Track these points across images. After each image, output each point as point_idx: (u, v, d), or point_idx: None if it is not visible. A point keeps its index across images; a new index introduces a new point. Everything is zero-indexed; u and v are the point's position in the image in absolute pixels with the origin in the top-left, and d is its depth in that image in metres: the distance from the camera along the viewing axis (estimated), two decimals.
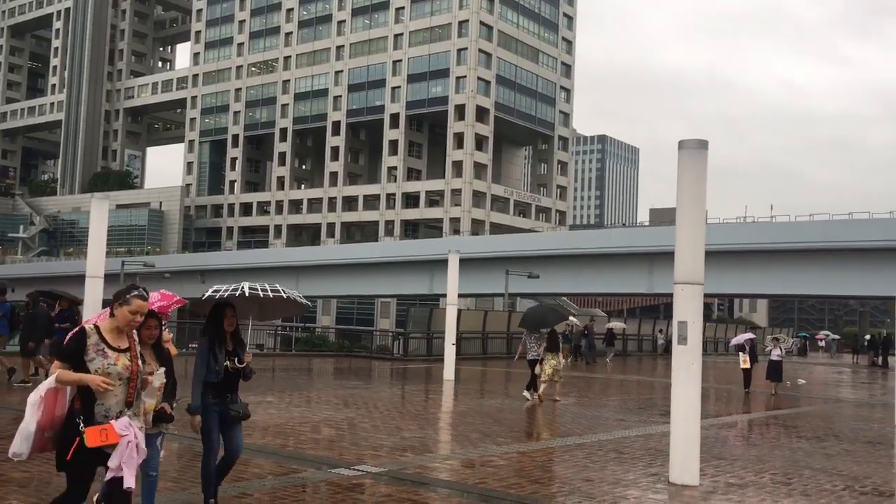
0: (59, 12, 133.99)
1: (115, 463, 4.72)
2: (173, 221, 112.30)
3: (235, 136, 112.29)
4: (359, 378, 22.47)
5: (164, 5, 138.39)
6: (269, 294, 6.83)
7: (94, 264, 14.75)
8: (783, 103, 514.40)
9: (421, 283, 60.39)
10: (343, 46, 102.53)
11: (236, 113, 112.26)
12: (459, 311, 27.30)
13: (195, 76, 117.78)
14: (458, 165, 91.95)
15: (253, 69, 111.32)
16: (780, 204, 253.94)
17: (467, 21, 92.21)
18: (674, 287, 9.17)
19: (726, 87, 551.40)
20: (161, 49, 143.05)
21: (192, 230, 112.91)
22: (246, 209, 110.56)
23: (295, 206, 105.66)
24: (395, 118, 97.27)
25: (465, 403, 16.98)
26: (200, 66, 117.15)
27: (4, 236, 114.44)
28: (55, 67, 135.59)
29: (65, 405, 4.92)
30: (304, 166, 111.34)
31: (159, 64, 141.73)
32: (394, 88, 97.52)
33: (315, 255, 73.10)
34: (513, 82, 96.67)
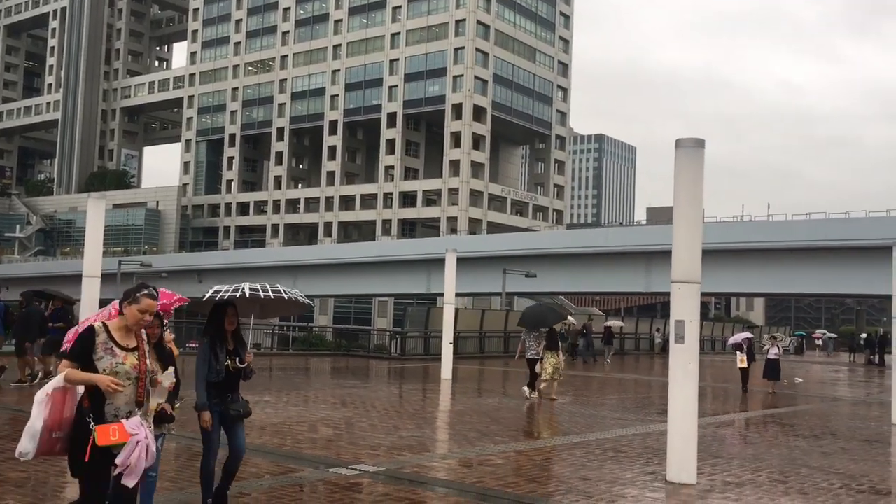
0: (55, 11, 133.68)
1: (122, 460, 4.66)
2: (170, 221, 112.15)
3: (232, 136, 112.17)
4: (356, 377, 22.46)
5: (161, 4, 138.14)
6: (269, 295, 6.82)
7: (91, 264, 14.74)
8: (781, 102, 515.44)
9: (418, 283, 60.37)
10: (340, 46, 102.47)
11: (233, 112, 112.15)
12: (457, 310, 27.30)
13: (192, 75, 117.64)
14: (455, 165, 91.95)
15: (250, 68, 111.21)
16: (777, 203, 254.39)
17: (464, 20, 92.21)
18: (671, 286, 9.19)
19: (724, 86, 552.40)
20: (158, 48, 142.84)
21: (189, 230, 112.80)
22: (243, 209, 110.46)
23: (292, 205, 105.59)
24: (392, 117, 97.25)
25: (462, 402, 16.98)
26: (197, 66, 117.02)
27: (1, 236, 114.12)
28: (51, 67, 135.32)
29: (73, 407, 4.83)
30: (301, 166, 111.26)
31: (156, 63, 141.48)
32: (391, 88, 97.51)
33: (312, 254, 73.02)
34: (510, 81, 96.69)
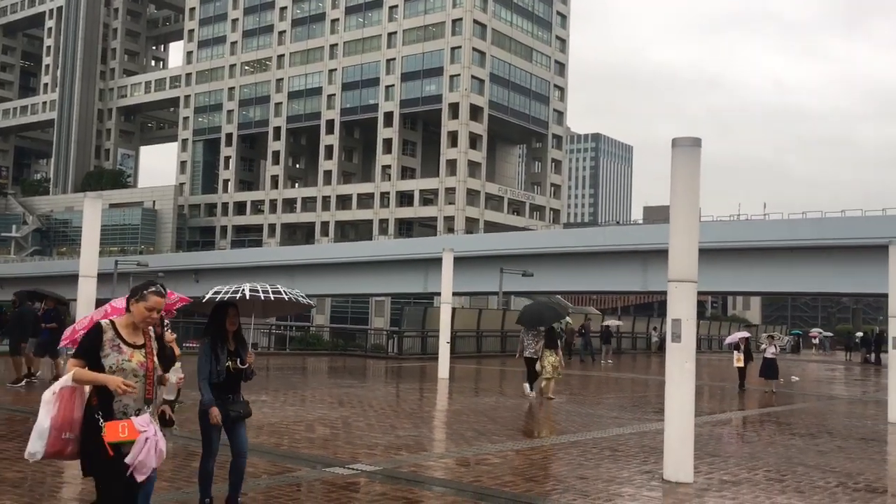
0: (51, 11, 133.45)
1: (132, 458, 4.62)
2: (167, 220, 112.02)
3: (229, 135, 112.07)
4: (353, 377, 22.44)
5: (157, 4, 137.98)
6: (270, 297, 6.80)
7: (88, 264, 14.71)
8: (778, 102, 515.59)
9: (415, 282, 60.39)
10: (337, 45, 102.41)
11: (230, 112, 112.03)
12: (454, 309, 27.33)
13: (188, 75, 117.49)
14: (452, 164, 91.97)
15: (246, 68, 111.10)
16: (774, 202, 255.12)
17: (461, 19, 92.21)
18: (668, 285, 9.19)
19: (721, 85, 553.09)
20: (154, 48, 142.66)
21: (186, 229, 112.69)
22: (240, 208, 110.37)
23: (289, 204, 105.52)
24: (389, 117, 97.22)
25: (459, 402, 16.98)
26: (194, 65, 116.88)
27: None
28: (48, 66, 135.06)
29: (82, 407, 4.77)
30: (297, 165, 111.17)
31: (152, 63, 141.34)
32: (388, 87, 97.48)
33: (309, 253, 73.02)
34: (507, 81, 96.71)
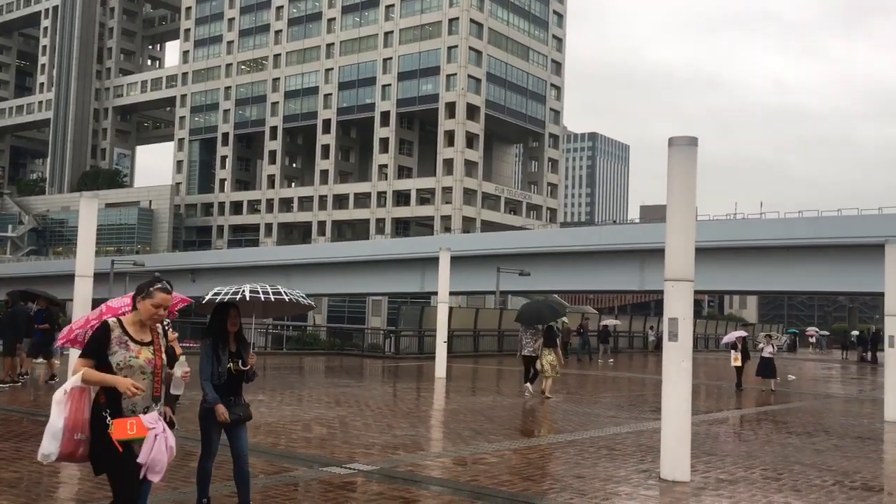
0: (47, 10, 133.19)
1: (144, 458, 4.60)
2: (163, 220, 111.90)
3: (225, 135, 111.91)
4: (350, 376, 22.44)
5: (153, 3, 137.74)
6: (270, 297, 6.79)
7: (84, 263, 14.71)
8: (778, 102, 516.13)
9: (412, 281, 60.36)
10: (333, 44, 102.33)
11: (226, 111, 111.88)
12: (451, 308, 27.31)
13: (185, 74, 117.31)
14: (448, 163, 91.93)
15: (243, 67, 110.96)
16: (771, 201, 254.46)
17: (457, 19, 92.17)
18: (664, 284, 9.20)
19: (720, 85, 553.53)
20: (150, 47, 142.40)
21: (182, 229, 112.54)
22: (236, 208, 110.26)
23: (285, 204, 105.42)
24: (385, 116, 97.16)
25: (456, 401, 16.99)
26: (190, 65, 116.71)
27: None
28: (43, 66, 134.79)
29: (90, 407, 4.73)
30: (294, 164, 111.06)
31: (148, 62, 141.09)
32: (384, 86, 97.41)
33: (306, 253, 72.96)
34: (503, 80, 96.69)
